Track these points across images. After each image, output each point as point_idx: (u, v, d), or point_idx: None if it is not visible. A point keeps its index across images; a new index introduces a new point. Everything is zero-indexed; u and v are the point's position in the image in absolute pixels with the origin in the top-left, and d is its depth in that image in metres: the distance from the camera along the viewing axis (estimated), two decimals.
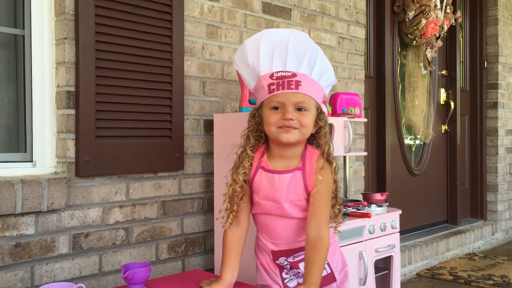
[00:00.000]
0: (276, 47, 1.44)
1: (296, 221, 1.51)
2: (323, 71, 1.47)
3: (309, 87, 1.42)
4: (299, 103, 1.41)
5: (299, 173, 1.46)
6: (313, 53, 1.46)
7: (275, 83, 1.41)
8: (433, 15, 3.66)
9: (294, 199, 1.48)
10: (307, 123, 1.42)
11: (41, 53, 1.90)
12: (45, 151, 1.90)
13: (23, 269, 1.76)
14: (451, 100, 4.39)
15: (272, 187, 1.48)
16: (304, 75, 1.42)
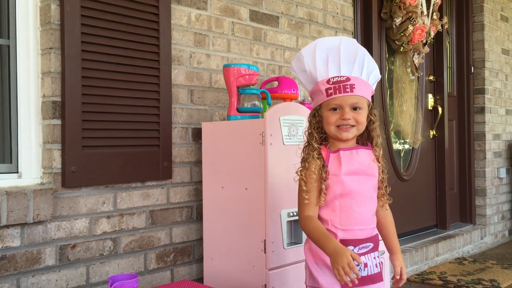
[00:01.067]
0: (329, 54, 1.61)
1: (371, 202, 1.64)
2: (370, 70, 1.63)
3: (361, 88, 1.60)
4: (354, 103, 1.58)
5: (370, 151, 1.66)
6: (361, 56, 1.62)
7: (332, 88, 1.59)
8: (420, 22, 3.68)
9: (372, 173, 1.65)
10: (362, 120, 1.61)
11: (27, 63, 1.89)
12: (31, 161, 1.88)
13: (9, 281, 1.73)
14: (439, 106, 4.41)
15: (354, 161, 1.62)
16: (356, 77, 1.60)
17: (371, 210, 1.64)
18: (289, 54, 2.83)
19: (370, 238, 1.60)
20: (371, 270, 1.58)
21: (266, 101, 2.23)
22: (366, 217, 1.61)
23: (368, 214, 1.62)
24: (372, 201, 1.64)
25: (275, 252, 1.98)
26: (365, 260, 1.57)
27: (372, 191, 1.64)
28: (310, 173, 1.60)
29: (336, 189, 1.59)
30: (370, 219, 1.63)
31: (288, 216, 2.02)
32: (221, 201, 2.15)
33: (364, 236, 1.59)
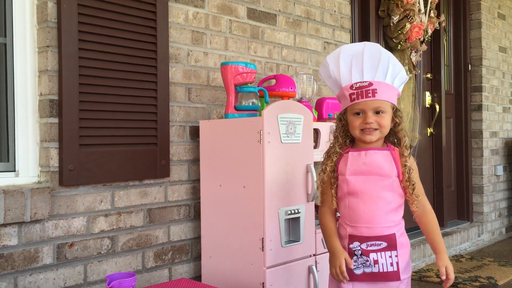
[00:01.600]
0: (353, 60, 1.67)
1: (381, 201, 1.65)
2: (395, 74, 1.67)
3: (384, 92, 1.64)
4: (376, 108, 1.64)
5: (387, 152, 1.68)
6: (385, 60, 1.66)
7: (355, 93, 1.65)
8: (417, 19, 3.69)
9: (383, 173, 1.66)
10: (384, 124, 1.66)
11: (24, 61, 1.88)
12: (28, 160, 1.87)
13: (6, 280, 1.73)
14: (436, 103, 4.42)
15: (360, 162, 1.68)
16: (379, 82, 1.64)
17: (381, 209, 1.65)
18: (287, 52, 2.83)
19: (382, 237, 1.64)
20: (384, 268, 1.63)
21: (263, 99, 2.23)
22: (374, 215, 1.65)
23: (377, 213, 1.65)
24: (382, 201, 1.65)
25: (273, 250, 1.98)
26: (376, 257, 1.62)
27: (383, 191, 1.66)
28: (324, 176, 1.73)
29: (343, 188, 1.69)
30: (381, 218, 1.65)
31: (286, 214, 2.03)
32: (219, 199, 2.15)
33: (372, 234, 1.64)
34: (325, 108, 2.59)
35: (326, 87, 3.09)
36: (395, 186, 1.67)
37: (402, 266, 1.65)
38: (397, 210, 1.68)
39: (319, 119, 2.55)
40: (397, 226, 1.67)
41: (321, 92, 3.03)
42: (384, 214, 1.65)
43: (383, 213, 1.65)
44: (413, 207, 1.70)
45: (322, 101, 2.61)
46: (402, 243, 1.67)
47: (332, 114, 2.58)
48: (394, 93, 1.69)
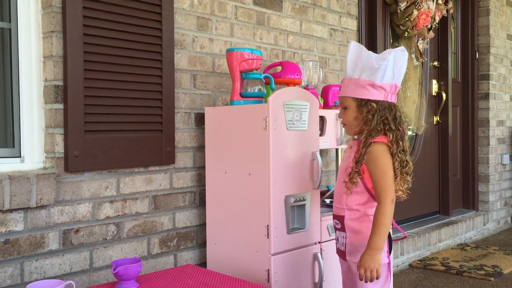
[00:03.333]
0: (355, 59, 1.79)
1: (339, 184, 1.82)
2: (363, 67, 1.72)
3: (345, 88, 1.76)
4: (341, 104, 1.80)
5: (356, 142, 1.79)
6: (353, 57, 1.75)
7: None
8: (424, 6, 3.64)
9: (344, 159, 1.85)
10: (347, 119, 1.78)
11: (28, 47, 1.87)
12: (33, 146, 1.87)
13: (13, 265, 1.74)
14: (443, 91, 4.39)
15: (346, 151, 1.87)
16: (344, 79, 1.78)
17: (338, 191, 1.82)
18: (293, 38, 2.81)
19: (336, 216, 1.82)
20: (339, 246, 1.82)
21: (269, 86, 2.22)
22: (335, 195, 1.84)
23: (336, 193, 1.84)
24: (339, 184, 1.81)
25: (278, 237, 1.98)
26: (336, 235, 1.83)
27: (342, 175, 1.81)
28: None
29: None
30: (337, 199, 1.82)
31: (291, 202, 2.02)
32: (224, 186, 2.14)
33: (334, 212, 1.84)
34: (331, 95, 2.57)
35: (332, 74, 3.07)
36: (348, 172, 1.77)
37: (349, 249, 1.76)
38: (351, 194, 1.75)
39: (325, 107, 2.54)
40: (350, 211, 1.76)
41: (327, 79, 3.01)
42: (339, 196, 1.81)
43: (338, 195, 1.82)
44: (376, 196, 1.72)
45: (328, 89, 2.59)
46: (352, 228, 1.76)
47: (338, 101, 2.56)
48: (359, 86, 1.74)
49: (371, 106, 1.74)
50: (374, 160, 1.71)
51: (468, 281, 3.21)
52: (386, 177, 1.70)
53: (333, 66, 3.08)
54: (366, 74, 1.73)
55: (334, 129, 2.43)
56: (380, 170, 1.70)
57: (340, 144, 2.45)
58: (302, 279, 2.08)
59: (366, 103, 1.74)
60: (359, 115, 1.76)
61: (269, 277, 1.95)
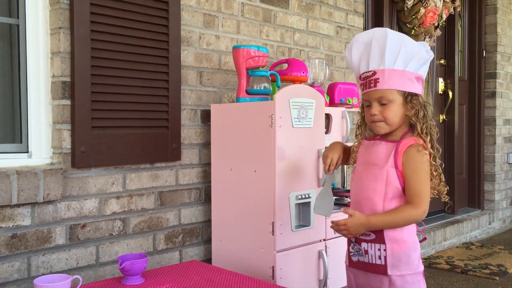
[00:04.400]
0: (365, 49, 1.61)
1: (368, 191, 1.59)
2: (409, 56, 1.56)
3: (388, 80, 1.55)
4: (379, 98, 1.57)
5: (393, 144, 1.59)
6: (394, 44, 1.56)
7: (362, 84, 1.62)
8: (431, 4, 3.63)
9: (375, 162, 1.60)
10: (389, 115, 1.57)
11: (36, 43, 1.88)
12: (41, 141, 1.89)
13: (20, 260, 1.75)
14: (449, 90, 4.37)
15: (367, 152, 1.65)
16: (383, 70, 1.56)
17: (368, 198, 1.59)
18: (299, 36, 2.81)
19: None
20: (372, 259, 1.58)
21: (275, 83, 2.22)
22: (362, 204, 1.61)
23: (364, 202, 1.60)
24: (369, 190, 1.59)
25: (283, 234, 1.98)
26: (366, 247, 1.59)
27: (372, 180, 1.59)
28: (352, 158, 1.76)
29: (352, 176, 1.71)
30: (366, 208, 1.59)
31: (297, 199, 2.03)
32: (229, 183, 2.15)
33: None
34: (337, 93, 2.57)
35: (338, 72, 3.06)
36: (389, 178, 1.56)
37: (391, 261, 1.56)
38: (389, 202, 1.56)
39: (331, 104, 2.54)
40: None
41: (333, 77, 3.01)
42: (371, 204, 1.58)
43: (370, 203, 1.58)
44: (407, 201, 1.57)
45: (334, 86, 2.59)
46: (393, 238, 1.56)
47: (344, 99, 2.56)
48: (406, 78, 1.57)
49: (417, 102, 1.58)
50: (414, 164, 1.55)
51: (473, 280, 3.20)
52: (424, 184, 1.55)
53: (339, 64, 3.07)
54: (414, 65, 1.57)
55: (340, 126, 2.43)
56: (420, 177, 1.55)
57: (346, 142, 2.45)
58: (307, 276, 2.09)
59: (411, 98, 1.57)
60: (403, 111, 1.58)
61: (274, 274, 1.96)
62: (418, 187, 1.54)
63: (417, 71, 1.59)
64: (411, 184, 1.54)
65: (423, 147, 1.56)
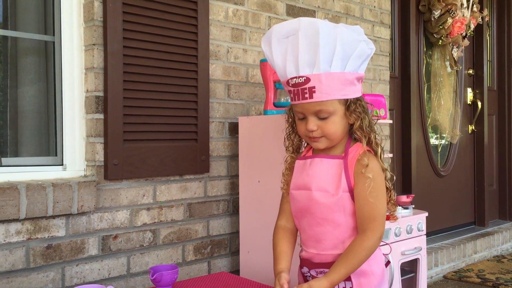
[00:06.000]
0: (289, 46, 1.29)
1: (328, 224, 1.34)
2: (348, 54, 1.28)
3: (325, 88, 1.27)
4: (317, 112, 1.30)
5: (339, 161, 1.34)
6: (330, 40, 1.25)
7: (292, 91, 1.32)
8: (459, 14, 3.60)
9: (328, 189, 1.33)
10: (329, 130, 1.32)
11: (71, 59, 1.94)
12: (75, 154, 1.94)
13: (54, 270, 1.80)
14: (478, 100, 4.31)
15: (304, 173, 1.38)
16: (319, 75, 1.26)
17: (329, 233, 1.34)
18: None
19: (330, 264, 1.33)
20: None
21: None
22: (321, 240, 1.36)
23: (324, 237, 1.35)
24: (329, 223, 1.34)
25: None
26: None
27: (330, 211, 1.33)
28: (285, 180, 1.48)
29: (291, 202, 1.44)
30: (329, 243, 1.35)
31: None
32: (257, 195, 2.17)
33: (319, 261, 1.38)
34: None
35: (365, 83, 3.06)
36: (346, 205, 1.32)
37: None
38: (352, 233, 1.34)
39: None
40: None
41: None
42: (333, 240, 1.34)
43: (332, 239, 1.34)
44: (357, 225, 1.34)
45: None
46: (360, 272, 1.33)
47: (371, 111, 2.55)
48: (346, 82, 1.28)
49: (360, 108, 1.32)
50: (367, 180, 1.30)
51: None
52: (380, 203, 1.31)
53: (366, 75, 3.07)
54: (354, 63, 1.29)
55: None
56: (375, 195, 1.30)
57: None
58: None
59: (355, 104, 1.31)
60: (345, 121, 1.33)
61: None
62: (372, 209, 1.30)
63: (358, 70, 1.32)
64: (363, 205, 1.30)
65: (374, 157, 1.34)
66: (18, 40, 1.94)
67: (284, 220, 1.49)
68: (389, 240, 2.30)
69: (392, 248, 1.66)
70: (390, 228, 2.30)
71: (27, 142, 1.95)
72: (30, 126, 1.95)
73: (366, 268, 1.34)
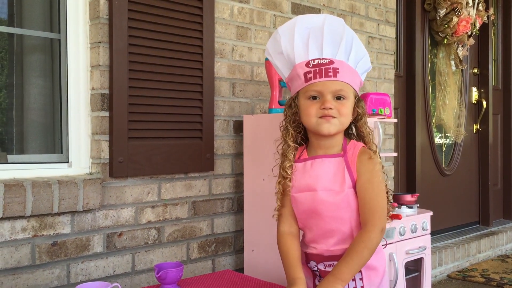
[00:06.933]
0: (311, 33, 1.37)
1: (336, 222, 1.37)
2: (359, 57, 1.39)
3: (347, 74, 1.35)
4: (338, 91, 1.34)
5: (339, 159, 1.38)
6: (349, 39, 1.37)
7: (311, 71, 1.34)
8: (465, 13, 3.59)
9: (333, 188, 1.37)
10: (346, 112, 1.36)
11: (76, 57, 1.95)
12: (80, 152, 1.95)
13: (60, 267, 1.81)
14: (483, 99, 4.30)
15: (306, 175, 1.39)
16: (341, 61, 1.34)
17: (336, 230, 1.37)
18: None
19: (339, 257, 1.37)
20: None
21: None
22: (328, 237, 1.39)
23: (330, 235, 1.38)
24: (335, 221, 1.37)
25: None
26: None
27: (336, 210, 1.36)
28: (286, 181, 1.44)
29: (293, 207, 1.45)
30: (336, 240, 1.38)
31: None
32: (261, 193, 2.17)
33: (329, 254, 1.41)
34: (369, 103, 2.56)
35: (370, 82, 3.06)
36: (351, 201, 1.36)
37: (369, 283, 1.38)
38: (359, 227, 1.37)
39: None
40: None
41: (365, 87, 3.00)
42: (341, 235, 1.38)
43: (340, 235, 1.38)
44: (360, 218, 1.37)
45: (366, 96, 2.58)
46: (369, 265, 1.36)
47: (376, 109, 2.55)
48: (357, 79, 1.39)
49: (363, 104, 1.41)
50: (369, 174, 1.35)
51: None
52: (380, 197, 1.35)
53: (371, 74, 3.06)
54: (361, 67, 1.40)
55: None
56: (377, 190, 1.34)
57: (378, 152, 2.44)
58: None
59: (360, 101, 1.41)
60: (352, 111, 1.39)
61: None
62: (374, 202, 1.34)
63: (361, 76, 1.42)
64: (366, 199, 1.34)
65: (374, 153, 1.39)
66: (24, 37, 1.95)
67: (287, 226, 1.48)
68: (393, 239, 2.30)
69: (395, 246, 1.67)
70: (394, 227, 2.30)
71: (32, 139, 1.95)
72: (36, 123, 1.96)
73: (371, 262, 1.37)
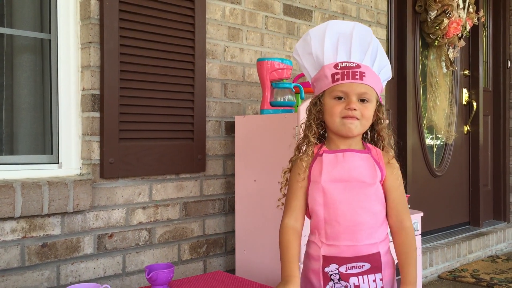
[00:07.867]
0: (340, 38, 1.44)
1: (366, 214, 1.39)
2: (382, 65, 1.47)
3: (372, 78, 1.42)
4: (362, 94, 1.40)
5: (367, 155, 1.44)
6: (375, 47, 1.45)
7: (339, 73, 1.41)
8: (455, 15, 3.61)
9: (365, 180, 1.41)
10: (368, 115, 1.41)
11: (67, 57, 1.94)
12: (70, 153, 1.94)
13: (49, 268, 1.80)
14: (474, 101, 4.33)
15: (338, 166, 1.42)
16: (367, 66, 1.42)
17: (366, 223, 1.39)
18: None
19: (366, 257, 1.37)
20: None
21: (299, 95, 2.24)
22: (358, 231, 1.38)
23: (361, 228, 1.38)
24: (368, 214, 1.39)
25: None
26: (357, 282, 1.36)
27: (368, 201, 1.39)
28: (297, 173, 1.45)
29: (318, 198, 1.41)
30: (366, 234, 1.38)
31: None
32: (253, 194, 2.17)
33: (354, 254, 1.38)
34: None
35: None
36: (379, 195, 1.41)
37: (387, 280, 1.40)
38: (383, 223, 1.42)
39: None
40: (383, 242, 1.40)
41: None
42: (369, 229, 1.38)
43: (368, 228, 1.38)
44: (391, 220, 1.43)
45: None
46: (387, 263, 1.40)
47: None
48: (379, 85, 1.46)
49: (384, 110, 1.48)
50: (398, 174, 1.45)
51: None
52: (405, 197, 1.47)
53: None
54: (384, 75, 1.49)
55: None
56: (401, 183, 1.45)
57: None
58: None
59: (381, 106, 1.47)
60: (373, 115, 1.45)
61: None
62: (405, 199, 1.45)
63: (382, 83, 1.48)
64: (401, 198, 1.43)
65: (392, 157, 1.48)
66: (14, 37, 1.93)
67: (293, 220, 1.46)
68: None
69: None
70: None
71: (22, 140, 1.94)
72: (26, 124, 1.94)
73: (390, 257, 1.43)
